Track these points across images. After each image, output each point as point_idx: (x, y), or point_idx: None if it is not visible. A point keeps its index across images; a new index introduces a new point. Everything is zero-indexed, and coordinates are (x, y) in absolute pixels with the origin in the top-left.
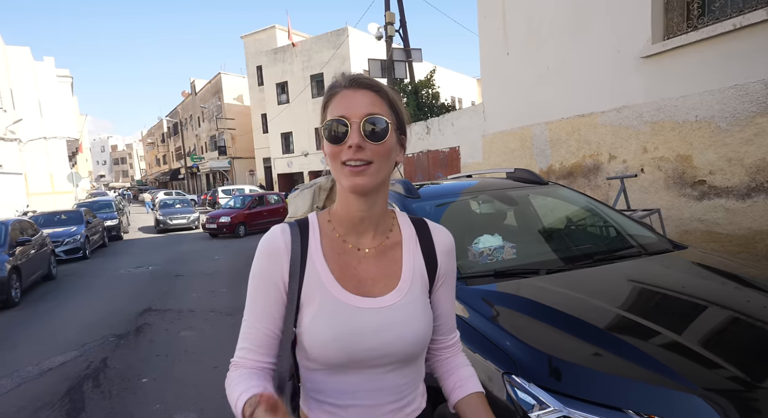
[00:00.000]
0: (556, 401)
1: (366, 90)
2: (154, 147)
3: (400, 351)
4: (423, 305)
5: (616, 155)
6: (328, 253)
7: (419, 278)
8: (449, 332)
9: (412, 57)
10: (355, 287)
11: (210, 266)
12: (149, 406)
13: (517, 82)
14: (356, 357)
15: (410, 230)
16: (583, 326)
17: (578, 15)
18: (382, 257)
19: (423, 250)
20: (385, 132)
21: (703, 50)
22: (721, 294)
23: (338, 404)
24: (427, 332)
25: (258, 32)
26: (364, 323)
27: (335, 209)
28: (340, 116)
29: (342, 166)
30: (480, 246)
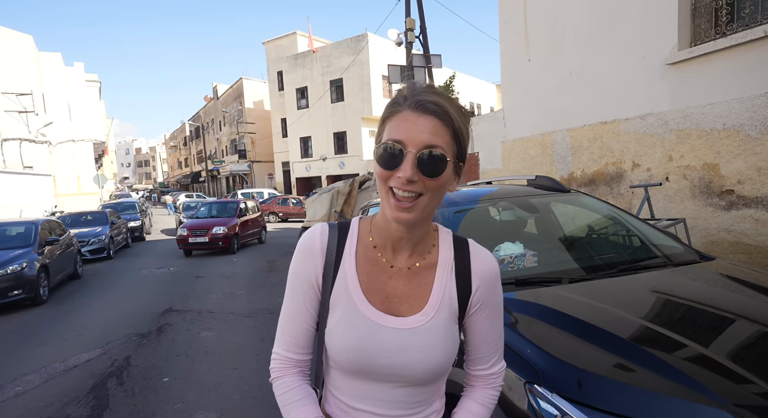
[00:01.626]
0: (580, 413)
1: (430, 116)
2: (176, 150)
3: (414, 375)
4: (446, 332)
5: (640, 163)
6: (360, 262)
7: (447, 304)
8: (482, 362)
9: (431, 63)
10: (381, 302)
11: (228, 269)
12: (170, 405)
13: (538, 89)
14: (369, 370)
15: (449, 251)
16: (606, 336)
17: (603, 21)
18: (414, 277)
19: (457, 274)
20: (442, 168)
21: (732, 57)
22: (751, 307)
23: (350, 405)
24: (447, 361)
25: (279, 38)
26: (383, 340)
27: (377, 219)
28: (397, 140)
29: (388, 192)
30: (501, 254)
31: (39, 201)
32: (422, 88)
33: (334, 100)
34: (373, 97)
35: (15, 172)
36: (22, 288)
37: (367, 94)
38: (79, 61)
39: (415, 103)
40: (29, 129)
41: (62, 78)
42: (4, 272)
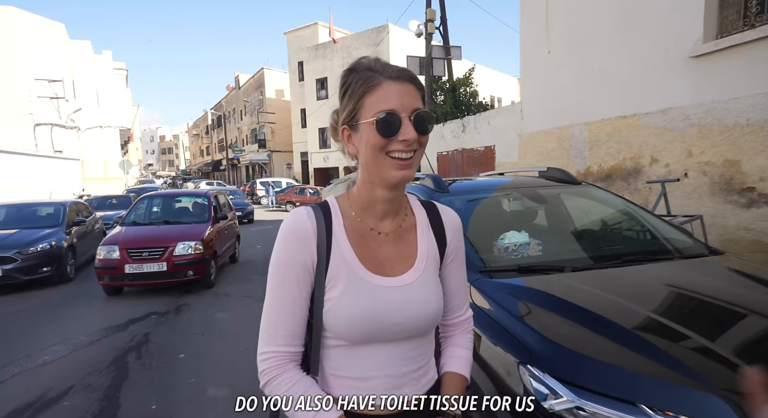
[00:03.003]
0: (569, 392)
1: (408, 83)
2: (198, 138)
3: (419, 325)
4: (436, 283)
5: (659, 159)
6: (351, 235)
7: (432, 257)
8: (457, 310)
9: (451, 54)
10: (376, 267)
11: (246, 254)
12: (185, 379)
13: (557, 82)
14: (380, 332)
15: (422, 212)
16: (599, 320)
17: (625, 14)
18: (399, 240)
19: (434, 230)
20: (431, 125)
21: (760, 50)
22: (754, 300)
23: (360, 377)
24: (441, 308)
25: (301, 29)
26: (389, 300)
27: (355, 193)
28: (392, 110)
29: (386, 156)
30: (506, 242)
31: (68, 184)
32: (384, 62)
33: None
34: None
35: (46, 156)
36: (50, 265)
37: None
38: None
39: (395, 74)
40: (60, 115)
41: (91, 65)
42: (35, 250)
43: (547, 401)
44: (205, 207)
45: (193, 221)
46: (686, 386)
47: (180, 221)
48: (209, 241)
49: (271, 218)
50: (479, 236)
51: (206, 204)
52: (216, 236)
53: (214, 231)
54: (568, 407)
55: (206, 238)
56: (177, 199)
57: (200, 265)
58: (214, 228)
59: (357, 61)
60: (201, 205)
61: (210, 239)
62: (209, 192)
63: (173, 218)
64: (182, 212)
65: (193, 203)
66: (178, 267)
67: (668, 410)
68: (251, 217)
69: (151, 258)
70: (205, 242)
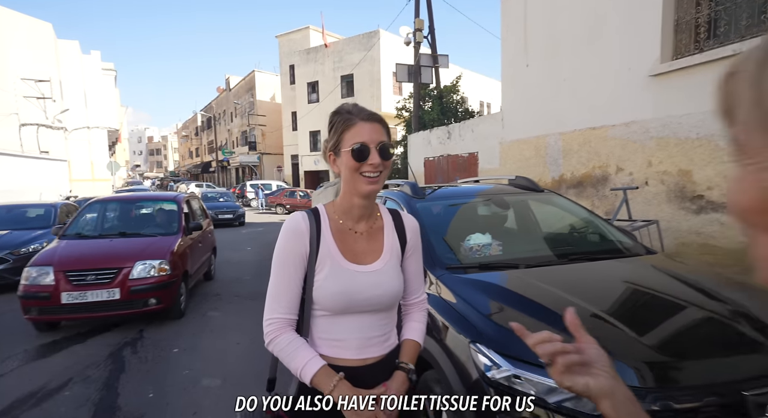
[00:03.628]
0: (507, 363)
1: (376, 123)
2: (187, 140)
3: (383, 301)
4: (397, 270)
5: (623, 168)
6: (335, 233)
7: (395, 251)
8: (414, 293)
9: (438, 63)
10: (353, 257)
11: (237, 256)
12: (179, 371)
13: (535, 93)
14: (354, 305)
15: (389, 217)
16: (535, 306)
17: (594, 32)
18: (371, 237)
19: (397, 232)
20: (391, 155)
21: (707, 72)
22: (664, 290)
23: (340, 339)
24: (401, 289)
25: (292, 32)
26: (361, 281)
27: (338, 201)
28: (361, 141)
29: (359, 175)
30: (471, 243)
31: (54, 185)
32: (360, 107)
33: (345, 96)
34: (383, 94)
35: (33, 157)
36: None
37: (377, 91)
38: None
39: (366, 116)
40: (46, 115)
41: (79, 66)
42: (26, 251)
43: (490, 372)
44: (174, 215)
45: (159, 233)
46: None
47: (141, 232)
48: (178, 258)
49: (261, 220)
50: (448, 238)
51: (175, 211)
52: (188, 250)
53: (185, 245)
54: (506, 375)
55: (175, 254)
56: (138, 205)
57: (166, 290)
58: (185, 241)
59: (340, 106)
60: (169, 212)
61: (180, 256)
62: (180, 196)
63: (132, 230)
64: (145, 221)
65: (159, 210)
66: (137, 294)
67: None
68: (242, 219)
69: (99, 283)
70: (173, 259)
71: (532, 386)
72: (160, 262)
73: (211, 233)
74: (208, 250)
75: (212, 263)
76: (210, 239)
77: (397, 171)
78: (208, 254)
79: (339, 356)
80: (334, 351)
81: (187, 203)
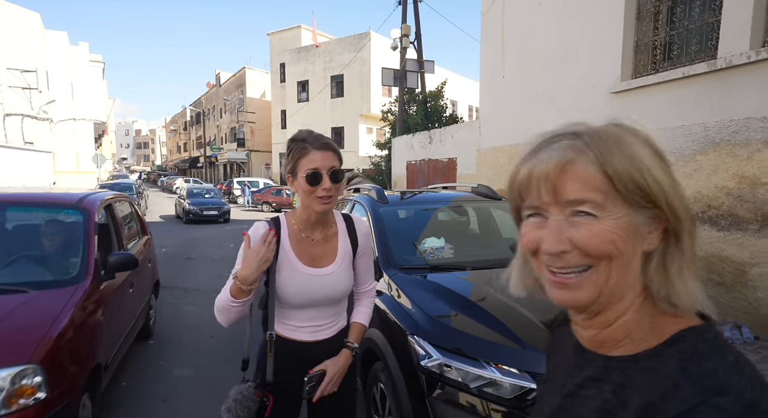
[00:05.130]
0: (438, 353)
1: (328, 151)
2: (176, 134)
3: (335, 298)
4: (349, 272)
5: None
6: (293, 241)
7: (347, 254)
8: (364, 284)
9: (424, 68)
10: (309, 261)
11: (219, 252)
12: (154, 362)
13: (510, 103)
14: (310, 301)
15: (342, 223)
16: (467, 303)
17: (563, 48)
18: (326, 243)
19: (350, 236)
20: (341, 178)
21: (661, 92)
22: None
23: (297, 325)
24: (349, 287)
25: (284, 31)
26: (317, 283)
27: (298, 212)
28: (314, 168)
29: (314, 197)
30: (425, 246)
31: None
32: (315, 134)
33: (334, 96)
34: (372, 95)
35: (16, 148)
36: None
37: (366, 92)
38: (84, 41)
39: (320, 145)
40: (32, 105)
41: (67, 57)
42: None
43: (423, 360)
44: (76, 239)
45: (36, 283)
46: (512, 346)
47: None
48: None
49: (246, 217)
50: (406, 240)
51: (80, 231)
52: (102, 318)
53: (97, 307)
54: (437, 364)
55: (61, 344)
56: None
57: None
58: (97, 297)
59: (297, 133)
60: (67, 232)
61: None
62: (91, 198)
63: None
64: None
65: (49, 226)
66: None
67: (499, 363)
68: (227, 216)
69: None
70: (55, 359)
71: (459, 374)
72: (14, 371)
73: (151, 258)
74: (144, 293)
75: (152, 308)
76: (147, 271)
77: (380, 173)
78: (145, 299)
79: (295, 338)
80: (292, 334)
81: (108, 212)
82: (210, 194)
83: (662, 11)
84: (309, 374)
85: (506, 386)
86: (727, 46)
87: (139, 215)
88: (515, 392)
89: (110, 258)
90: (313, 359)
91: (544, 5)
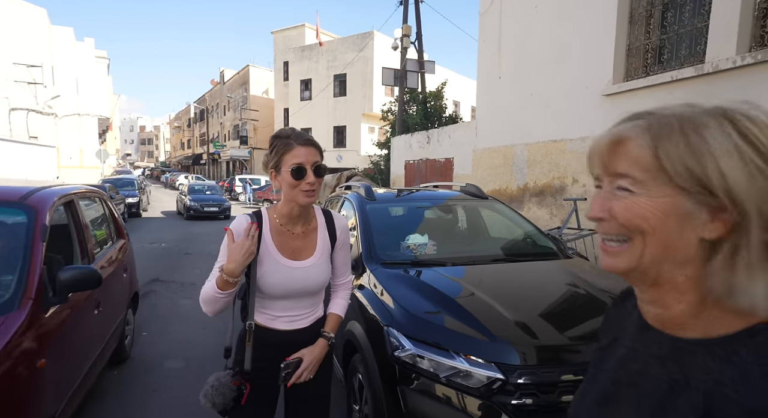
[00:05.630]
0: (410, 344)
1: (311, 147)
2: (179, 131)
3: (312, 290)
4: (327, 265)
5: (578, 179)
6: (274, 234)
7: (326, 248)
8: (341, 276)
9: (425, 68)
10: (290, 254)
11: (217, 248)
12: (147, 354)
13: (506, 104)
14: (289, 293)
15: (322, 218)
16: (442, 297)
17: (557, 51)
18: (306, 237)
19: (329, 230)
20: (324, 172)
21: (650, 95)
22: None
23: (276, 315)
24: (327, 279)
25: (288, 29)
26: (296, 275)
27: (279, 206)
28: (299, 163)
29: (299, 191)
30: (408, 242)
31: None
32: (298, 132)
33: (337, 95)
34: (374, 94)
35: (21, 142)
36: None
37: (369, 91)
38: (89, 37)
39: (303, 141)
40: (37, 100)
41: (72, 52)
42: None
43: (397, 351)
44: (14, 246)
45: None
46: (480, 339)
47: None
48: None
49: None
50: (390, 237)
51: (20, 237)
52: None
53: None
54: (410, 354)
55: None
56: None
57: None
58: (34, 334)
59: (279, 130)
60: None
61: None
62: (43, 194)
63: None
64: None
65: None
66: None
67: (468, 354)
68: (228, 213)
69: None
70: None
71: (429, 364)
72: None
73: (127, 266)
74: (117, 311)
75: (129, 325)
76: (122, 282)
77: (380, 172)
78: (118, 317)
79: (273, 327)
80: (270, 323)
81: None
82: (211, 191)
83: (654, 15)
84: (286, 360)
85: (474, 376)
86: (715, 50)
87: (114, 215)
88: (482, 382)
89: (62, 275)
90: (291, 347)
91: (540, 7)
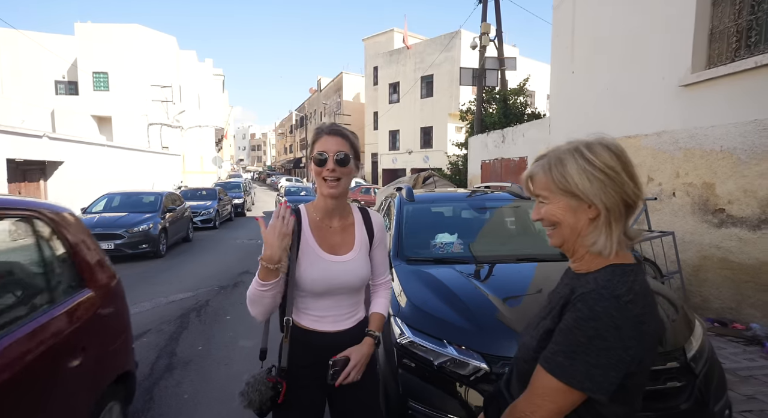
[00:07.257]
0: (409, 332)
1: (337, 136)
2: (283, 137)
3: (354, 285)
4: (366, 259)
5: (654, 178)
6: (313, 229)
7: (364, 244)
8: (380, 276)
9: (505, 65)
10: (329, 249)
11: None
12: (226, 334)
13: (579, 101)
14: (330, 288)
15: (359, 215)
16: (447, 291)
17: (632, 41)
18: (344, 232)
19: (366, 227)
20: (347, 161)
21: (733, 84)
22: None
23: (318, 315)
24: (369, 274)
25: (377, 35)
26: (336, 269)
27: (315, 202)
28: (322, 151)
29: (322, 180)
30: (437, 240)
31: (170, 176)
32: (331, 124)
33: (424, 96)
34: (461, 94)
35: (155, 152)
36: (148, 243)
37: (455, 90)
38: (209, 57)
39: (329, 131)
40: (168, 116)
41: (195, 72)
42: (137, 230)
43: (398, 338)
44: None
45: None
46: (471, 330)
47: None
48: None
49: None
50: (422, 235)
51: None
52: None
53: None
54: (408, 341)
55: None
56: None
57: None
58: None
59: (320, 124)
60: None
61: None
62: None
63: None
64: None
65: None
66: None
67: (460, 344)
68: None
69: None
70: None
71: (424, 351)
72: None
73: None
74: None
75: None
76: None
77: (457, 172)
78: None
79: (318, 329)
80: (314, 324)
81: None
82: (305, 192)
83: None
84: (333, 359)
85: (462, 364)
86: None
87: (74, 248)
88: (469, 370)
89: None
90: (336, 348)
91: None
